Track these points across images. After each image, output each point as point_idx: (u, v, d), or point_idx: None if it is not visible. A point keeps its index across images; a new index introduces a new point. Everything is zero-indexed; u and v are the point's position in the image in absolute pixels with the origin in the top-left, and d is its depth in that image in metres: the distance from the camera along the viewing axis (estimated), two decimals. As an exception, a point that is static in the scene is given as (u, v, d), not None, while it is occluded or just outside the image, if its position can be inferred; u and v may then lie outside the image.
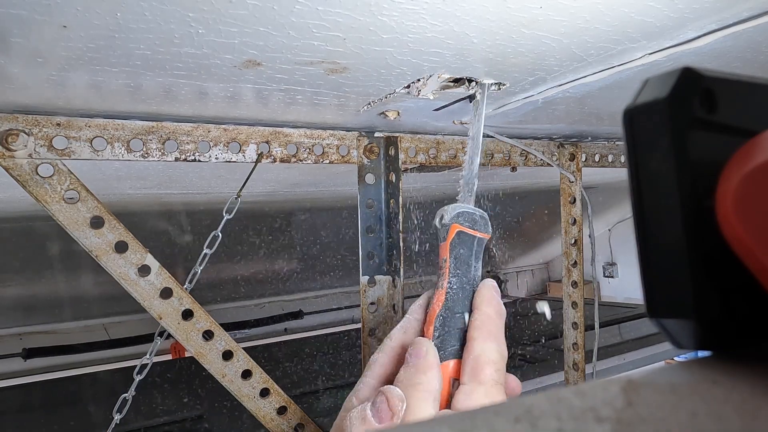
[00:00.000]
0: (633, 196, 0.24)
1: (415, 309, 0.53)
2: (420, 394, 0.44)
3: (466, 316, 0.49)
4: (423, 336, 0.49)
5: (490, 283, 0.51)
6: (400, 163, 0.91)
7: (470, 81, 0.66)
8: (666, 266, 0.23)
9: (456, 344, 0.48)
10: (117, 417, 0.80)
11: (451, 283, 0.50)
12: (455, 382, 0.47)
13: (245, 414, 0.84)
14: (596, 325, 1.21)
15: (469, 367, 0.46)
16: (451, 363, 0.48)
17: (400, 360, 0.48)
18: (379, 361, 0.50)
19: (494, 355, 0.46)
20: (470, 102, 0.70)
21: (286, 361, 2.14)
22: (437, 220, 0.53)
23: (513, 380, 0.50)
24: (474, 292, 0.50)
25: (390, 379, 0.48)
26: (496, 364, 0.46)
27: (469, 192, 0.60)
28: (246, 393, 0.81)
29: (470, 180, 0.61)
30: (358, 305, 0.93)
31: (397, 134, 0.94)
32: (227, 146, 0.80)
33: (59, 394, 1.96)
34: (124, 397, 0.81)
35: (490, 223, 0.53)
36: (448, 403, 0.46)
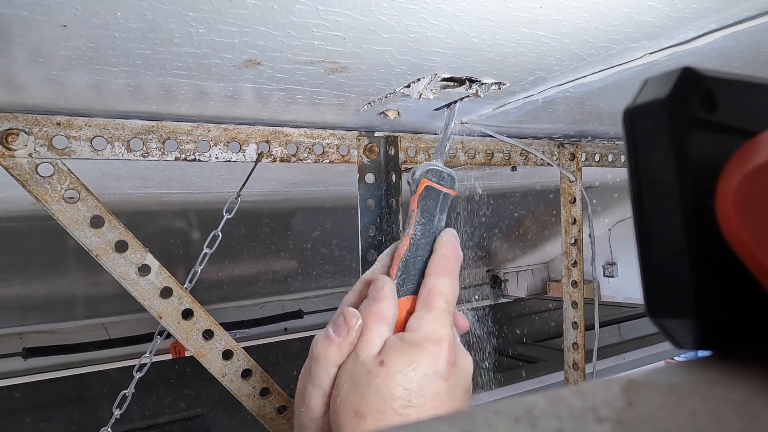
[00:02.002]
0: (633, 196, 0.24)
1: (383, 256, 0.58)
2: (375, 319, 0.50)
3: (426, 258, 0.55)
4: (389, 274, 0.55)
5: (450, 231, 0.57)
6: (400, 163, 0.91)
7: (470, 81, 0.66)
8: (666, 266, 0.23)
9: (415, 283, 0.54)
10: (117, 412, 0.80)
11: (416, 231, 0.56)
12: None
13: (245, 413, 0.84)
14: (596, 325, 1.21)
15: (422, 297, 0.52)
16: (411, 299, 0.53)
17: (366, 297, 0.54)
18: (348, 300, 0.56)
19: (445, 288, 0.52)
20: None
21: (286, 361, 2.14)
22: (410, 175, 0.58)
23: (461, 318, 0.55)
24: (435, 239, 0.56)
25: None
26: (446, 296, 0.52)
27: (441, 152, 0.66)
28: (246, 392, 0.81)
29: (443, 142, 0.68)
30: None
31: (397, 134, 0.94)
32: (227, 146, 0.80)
33: (59, 393, 1.96)
34: (124, 394, 0.81)
35: (456, 181, 0.58)
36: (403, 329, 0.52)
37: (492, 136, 1.00)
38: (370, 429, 0.46)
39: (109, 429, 0.80)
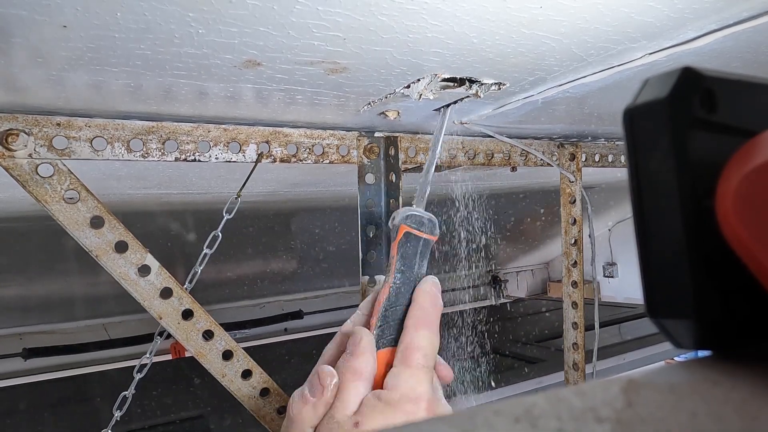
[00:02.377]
0: (633, 196, 0.24)
1: (364, 305, 0.58)
2: (352, 376, 0.49)
3: (406, 308, 0.54)
4: (370, 325, 0.54)
5: (431, 279, 0.56)
6: (400, 163, 0.91)
7: (470, 81, 0.66)
8: (666, 266, 0.23)
9: (395, 334, 0.53)
10: (117, 414, 0.80)
11: (395, 279, 0.55)
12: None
13: (245, 414, 0.84)
14: (596, 325, 1.21)
15: (400, 352, 0.51)
16: (390, 351, 0.52)
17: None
18: (329, 352, 0.56)
19: (423, 342, 0.51)
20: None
21: (286, 362, 2.14)
22: (390, 221, 0.58)
23: (444, 368, 0.55)
24: (415, 287, 0.55)
25: None
26: (424, 350, 0.50)
27: (422, 197, 0.66)
28: (246, 393, 0.81)
29: (424, 186, 0.68)
30: (358, 305, 0.93)
31: (397, 134, 0.94)
32: (227, 146, 0.80)
33: (59, 394, 1.96)
34: (125, 395, 0.81)
35: (437, 227, 0.58)
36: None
37: (492, 137, 1.00)
38: None
39: (109, 430, 0.80)
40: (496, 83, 0.68)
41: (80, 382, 2.09)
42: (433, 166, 0.71)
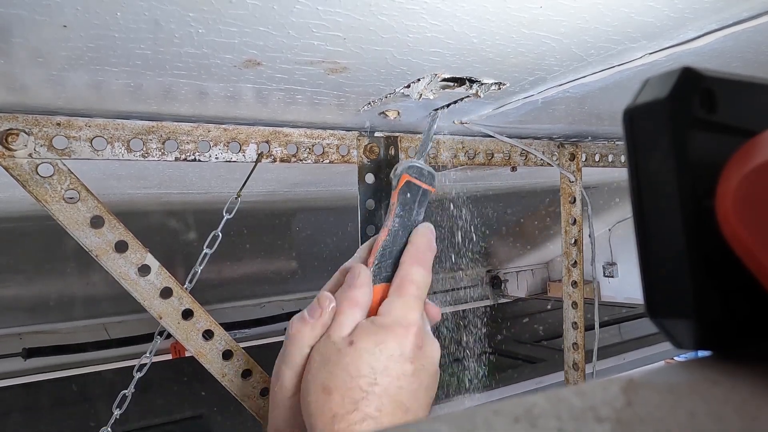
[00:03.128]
0: (633, 196, 0.24)
1: (363, 248, 0.62)
2: (348, 303, 0.53)
3: (402, 249, 0.58)
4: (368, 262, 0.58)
5: (427, 225, 0.60)
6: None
7: (470, 81, 0.66)
8: (666, 266, 0.23)
9: (390, 271, 0.57)
10: (117, 412, 0.80)
11: (394, 222, 0.59)
12: None
13: (245, 414, 0.84)
14: (596, 325, 1.21)
15: (395, 284, 0.55)
16: (385, 287, 0.56)
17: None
18: (326, 288, 0.59)
19: (417, 276, 0.55)
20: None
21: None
22: (392, 171, 0.61)
23: (433, 308, 0.59)
24: (412, 231, 0.59)
25: None
26: (417, 284, 0.55)
27: (423, 151, 0.70)
28: (246, 393, 0.81)
29: (426, 142, 0.72)
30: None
31: (397, 134, 0.94)
32: (227, 146, 0.80)
33: (59, 394, 1.96)
34: (124, 394, 0.81)
35: (436, 179, 0.62)
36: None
37: (492, 137, 1.00)
38: (337, 404, 0.48)
39: (108, 429, 0.80)
40: (496, 83, 0.68)
41: (80, 382, 2.09)
42: (435, 124, 0.75)
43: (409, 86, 0.66)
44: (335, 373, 0.50)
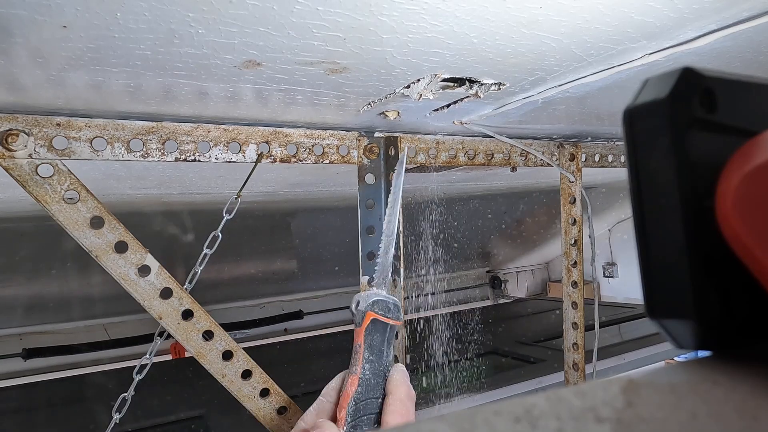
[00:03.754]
0: (633, 196, 0.24)
1: (329, 392, 0.56)
2: None
3: (379, 401, 0.53)
4: (337, 417, 0.52)
5: (400, 369, 0.55)
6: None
7: (470, 81, 0.66)
8: (666, 266, 0.23)
9: (368, 427, 0.52)
10: (116, 416, 0.80)
11: (364, 369, 0.54)
12: None
13: (245, 414, 0.84)
14: (596, 325, 1.21)
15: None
16: None
17: None
18: None
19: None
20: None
21: (286, 361, 2.14)
22: (353, 305, 0.57)
23: None
24: (385, 377, 0.54)
25: None
26: None
27: (384, 278, 0.63)
28: (246, 393, 0.81)
29: (386, 266, 0.65)
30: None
31: (397, 134, 0.94)
32: (227, 146, 0.80)
33: (59, 394, 1.96)
34: (124, 397, 0.81)
35: (401, 310, 0.57)
36: None
37: (492, 137, 1.00)
38: None
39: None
40: (496, 83, 0.68)
41: (80, 383, 2.09)
42: (393, 244, 0.66)
43: (409, 86, 0.66)
44: None
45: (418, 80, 0.64)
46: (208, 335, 0.78)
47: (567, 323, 1.24)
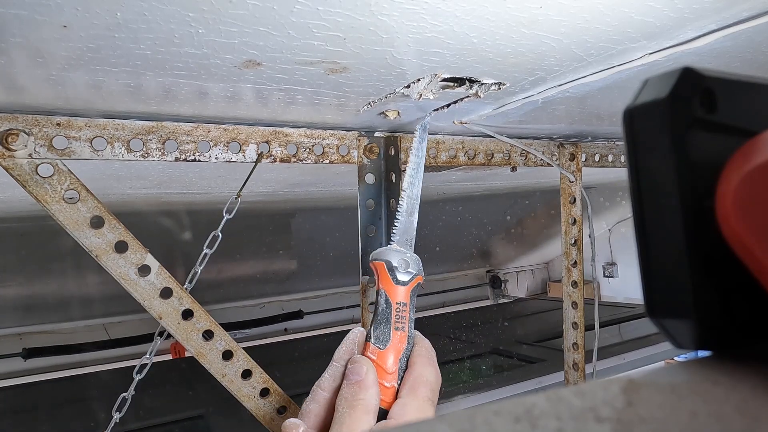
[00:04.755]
0: (633, 196, 0.24)
1: (341, 356, 0.57)
2: (360, 409, 0.50)
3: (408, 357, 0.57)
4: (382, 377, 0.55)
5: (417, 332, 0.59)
6: (400, 163, 0.91)
7: (470, 81, 0.66)
8: (666, 266, 0.23)
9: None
10: (116, 416, 0.80)
11: (410, 327, 0.58)
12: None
13: (245, 414, 0.84)
14: (596, 325, 1.21)
15: (408, 384, 0.53)
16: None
17: (332, 408, 0.54)
18: (314, 412, 0.55)
19: (431, 377, 0.54)
20: (416, 131, 0.71)
21: (286, 361, 2.14)
22: (399, 263, 0.59)
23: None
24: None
25: (326, 425, 0.53)
26: (431, 385, 0.54)
27: (408, 238, 0.66)
28: (246, 393, 0.81)
29: (410, 227, 0.66)
30: (358, 305, 0.93)
31: (397, 134, 0.94)
32: (227, 146, 0.80)
33: (59, 394, 1.96)
34: (124, 397, 0.81)
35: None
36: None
37: (492, 137, 1.00)
38: None
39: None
40: (496, 83, 0.68)
41: (80, 382, 2.09)
42: (416, 208, 0.67)
43: (409, 86, 0.66)
44: None
45: (419, 80, 0.64)
46: (208, 335, 0.78)
47: (567, 323, 1.24)
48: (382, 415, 0.52)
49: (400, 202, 0.66)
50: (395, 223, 0.65)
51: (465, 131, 0.98)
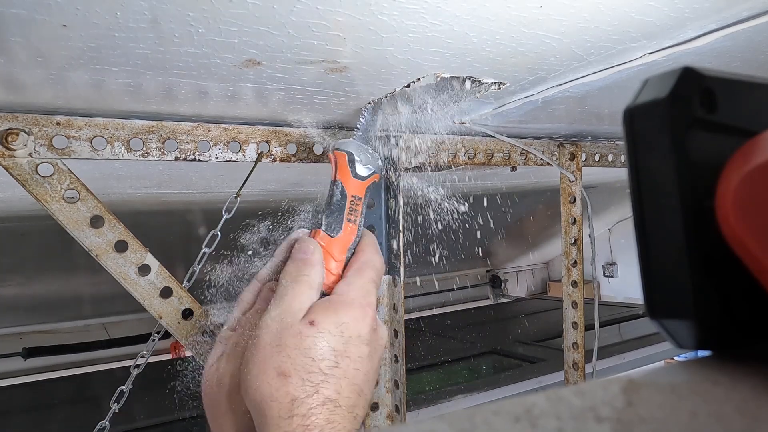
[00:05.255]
0: (633, 196, 0.24)
1: (281, 252, 0.61)
2: (304, 284, 0.52)
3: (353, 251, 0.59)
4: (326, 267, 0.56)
5: (368, 233, 0.63)
6: (399, 162, 0.91)
7: (470, 81, 0.66)
8: (666, 266, 0.23)
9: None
10: (114, 406, 0.80)
11: (360, 223, 0.59)
12: None
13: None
14: (596, 325, 1.21)
15: (354, 267, 0.56)
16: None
17: (264, 298, 0.56)
18: (245, 299, 0.59)
19: (377, 263, 0.58)
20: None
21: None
22: (360, 157, 0.59)
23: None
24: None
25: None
26: (377, 270, 0.57)
27: (370, 132, 0.68)
28: (246, 392, 0.81)
29: (373, 124, 0.69)
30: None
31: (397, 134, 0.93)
32: (227, 146, 0.80)
33: (59, 393, 1.96)
34: (122, 390, 0.81)
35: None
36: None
37: (492, 136, 1.00)
38: (296, 387, 0.47)
39: (106, 422, 0.80)
40: (496, 83, 0.68)
41: (80, 382, 2.09)
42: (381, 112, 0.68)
43: (409, 86, 0.66)
44: (293, 356, 0.48)
45: (419, 79, 0.64)
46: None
47: (567, 323, 1.24)
48: (323, 296, 0.54)
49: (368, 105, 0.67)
50: (360, 119, 0.67)
51: (465, 131, 0.98)
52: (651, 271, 0.23)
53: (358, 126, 0.65)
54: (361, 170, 0.59)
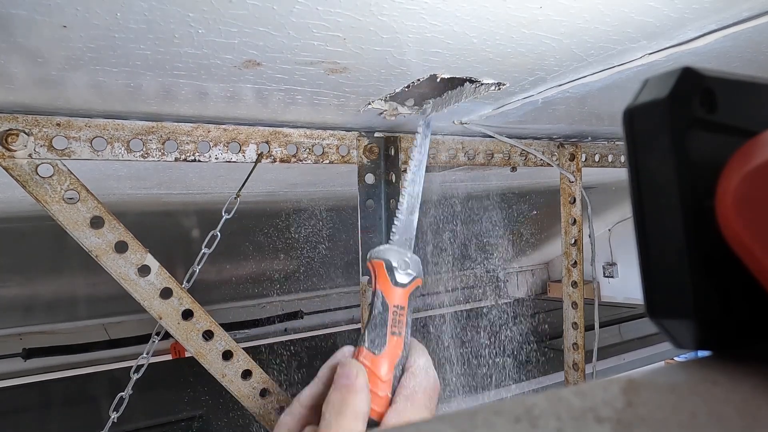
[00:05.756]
0: (633, 196, 0.24)
1: (325, 371, 0.54)
2: (349, 416, 0.46)
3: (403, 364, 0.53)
4: (374, 385, 0.51)
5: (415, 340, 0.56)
6: (400, 163, 0.91)
7: (470, 81, 0.66)
8: (666, 266, 0.23)
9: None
10: (114, 415, 0.80)
11: (407, 333, 0.53)
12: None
13: (245, 414, 0.84)
14: (596, 325, 1.21)
15: (404, 391, 0.50)
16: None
17: (308, 422, 0.50)
18: (287, 425, 0.51)
19: (430, 385, 0.51)
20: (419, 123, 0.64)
21: (286, 361, 2.14)
22: (398, 263, 0.55)
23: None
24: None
25: None
26: (429, 393, 0.50)
27: (408, 238, 0.61)
28: (246, 393, 0.81)
29: (410, 226, 0.62)
30: (358, 305, 0.93)
31: (397, 134, 0.94)
32: (227, 146, 0.80)
33: (59, 394, 1.96)
34: (121, 396, 0.81)
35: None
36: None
37: (492, 137, 1.00)
38: None
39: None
40: (496, 83, 0.68)
41: (80, 383, 2.09)
42: (417, 207, 0.62)
43: (409, 86, 0.66)
44: None
45: (419, 80, 0.64)
46: (208, 335, 0.78)
47: (567, 323, 1.24)
48: (373, 426, 0.48)
49: (401, 200, 0.62)
50: (395, 222, 0.62)
51: (465, 131, 0.98)
52: (651, 271, 0.23)
53: (394, 230, 0.61)
54: (401, 277, 0.55)
